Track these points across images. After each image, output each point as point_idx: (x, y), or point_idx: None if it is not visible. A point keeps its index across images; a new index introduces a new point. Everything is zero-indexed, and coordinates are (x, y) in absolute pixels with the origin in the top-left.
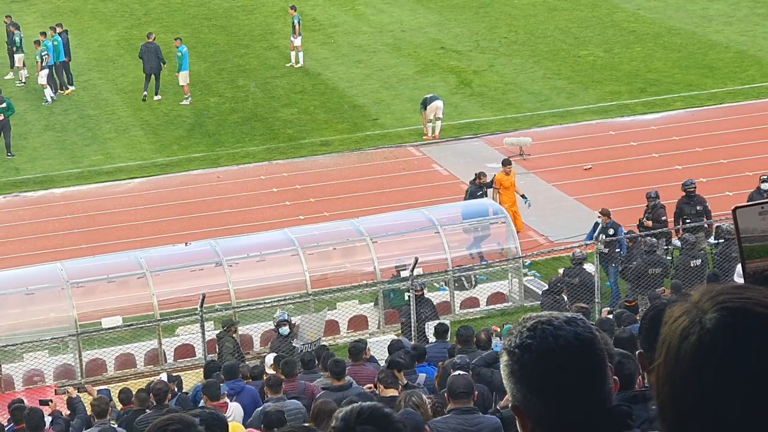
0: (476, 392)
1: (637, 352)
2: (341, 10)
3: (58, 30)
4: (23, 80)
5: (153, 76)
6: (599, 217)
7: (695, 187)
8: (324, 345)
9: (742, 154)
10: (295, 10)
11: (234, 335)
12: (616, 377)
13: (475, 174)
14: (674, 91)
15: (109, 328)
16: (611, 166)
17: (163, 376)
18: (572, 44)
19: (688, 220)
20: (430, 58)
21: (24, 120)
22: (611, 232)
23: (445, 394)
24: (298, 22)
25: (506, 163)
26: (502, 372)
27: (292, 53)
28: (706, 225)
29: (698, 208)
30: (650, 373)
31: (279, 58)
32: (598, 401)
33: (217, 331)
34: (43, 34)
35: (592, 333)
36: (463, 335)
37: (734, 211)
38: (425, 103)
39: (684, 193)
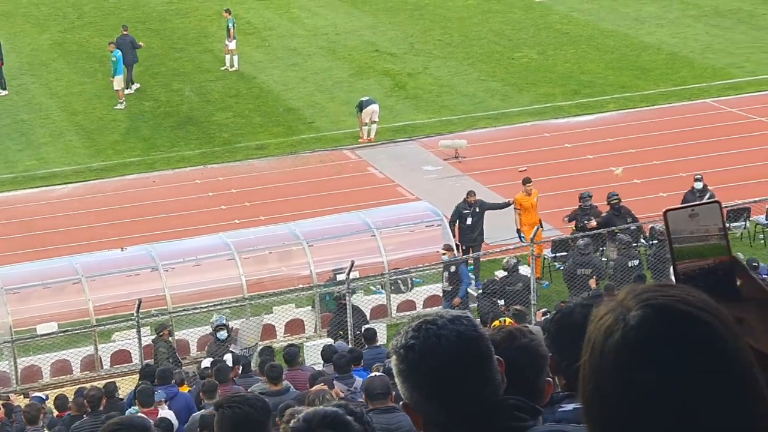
0: (393, 393)
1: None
2: (276, 13)
3: None
4: None
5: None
6: (444, 253)
7: (619, 199)
8: (269, 347)
9: (675, 155)
10: (229, 14)
11: (168, 339)
12: (549, 378)
13: (467, 192)
14: (608, 92)
15: (45, 335)
16: (546, 168)
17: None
18: (506, 46)
19: (617, 233)
20: (365, 61)
21: None
22: (453, 268)
23: (363, 395)
24: (233, 26)
25: (526, 181)
26: (393, 371)
27: (227, 57)
28: (633, 227)
29: (628, 220)
30: (559, 375)
31: (214, 61)
32: (485, 397)
33: (153, 337)
34: None
35: (476, 331)
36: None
37: (665, 213)
38: (361, 107)
39: (609, 207)
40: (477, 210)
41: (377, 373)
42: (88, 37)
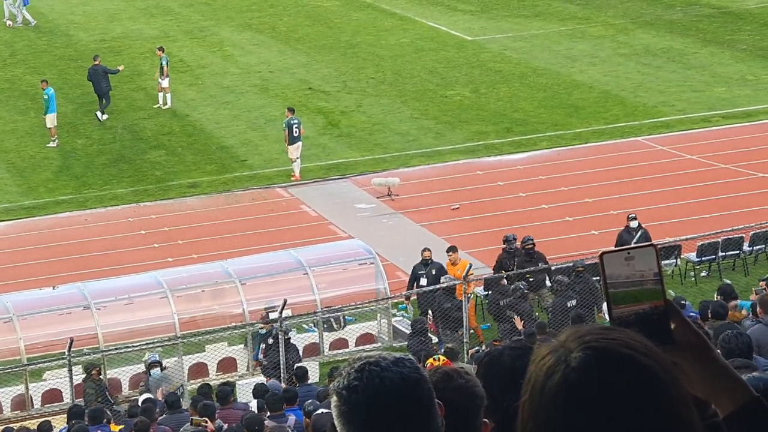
0: None
1: None
2: (209, 51)
3: None
4: None
5: (101, 97)
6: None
7: (534, 244)
8: (207, 384)
9: (607, 192)
10: (163, 51)
11: (98, 378)
12: (485, 420)
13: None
14: (540, 130)
15: None
16: (479, 206)
17: None
18: (439, 84)
19: (530, 278)
20: (298, 99)
21: None
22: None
23: None
24: (166, 64)
25: (450, 250)
26: (333, 413)
27: (160, 94)
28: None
29: (540, 264)
30: (489, 417)
31: (146, 99)
32: None
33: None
34: None
35: (419, 374)
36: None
37: (601, 256)
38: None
39: (524, 251)
40: (434, 272)
41: (325, 410)
42: (21, 75)
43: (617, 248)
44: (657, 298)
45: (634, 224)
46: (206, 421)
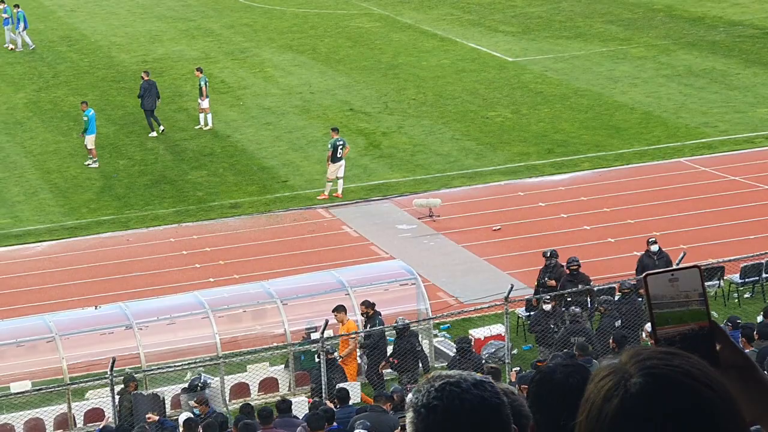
0: None
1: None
2: (250, 72)
3: None
4: None
5: (153, 112)
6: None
7: (579, 265)
8: (249, 404)
9: (649, 214)
10: (201, 72)
11: (133, 392)
12: None
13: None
14: (582, 151)
15: (18, 393)
16: (520, 227)
17: None
18: (480, 105)
19: (569, 299)
20: (339, 120)
21: None
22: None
23: None
24: (205, 84)
25: (335, 310)
26: (407, 427)
27: (201, 115)
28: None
29: (580, 286)
30: None
31: (188, 120)
32: None
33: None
34: None
35: (498, 399)
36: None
37: (645, 277)
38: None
39: (568, 271)
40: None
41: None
42: (63, 96)
43: (662, 270)
44: (702, 318)
45: (654, 248)
46: None
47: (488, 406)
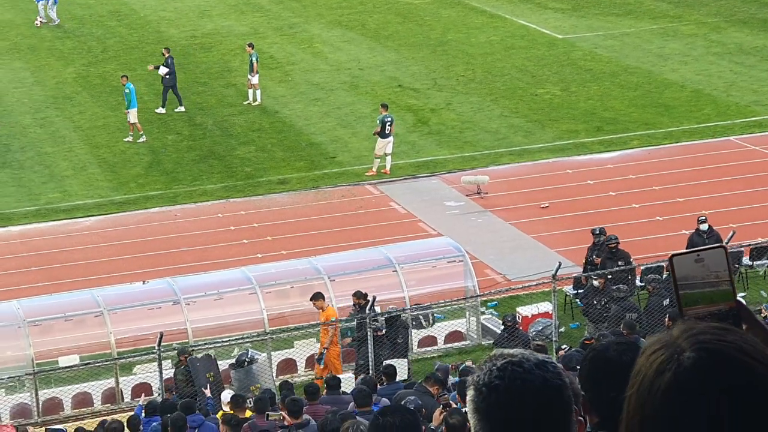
0: None
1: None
2: (299, 48)
3: None
4: None
5: (171, 89)
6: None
7: (618, 243)
8: (287, 381)
9: (698, 192)
10: (252, 48)
11: (186, 363)
12: (581, 417)
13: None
14: (631, 129)
15: (66, 367)
16: (568, 205)
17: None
18: (529, 83)
19: (609, 276)
20: (388, 96)
21: None
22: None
23: None
24: (256, 60)
25: (313, 298)
26: (467, 405)
27: (250, 91)
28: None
29: (620, 263)
30: (592, 413)
31: (236, 95)
32: None
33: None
34: None
35: (561, 379)
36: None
37: (671, 258)
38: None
39: (607, 249)
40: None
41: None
42: (112, 71)
43: (687, 250)
44: (730, 298)
45: (704, 227)
46: (282, 417)
47: (551, 387)
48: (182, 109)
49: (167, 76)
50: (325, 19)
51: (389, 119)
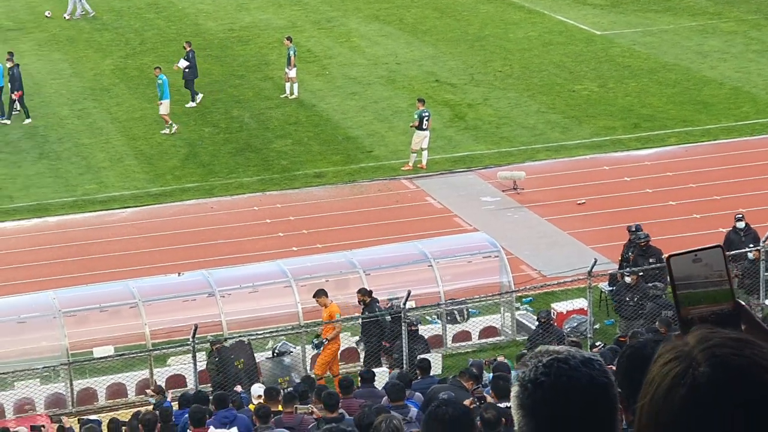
0: None
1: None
2: (336, 42)
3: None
4: (18, 109)
5: (191, 82)
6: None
7: (648, 240)
8: (308, 375)
9: (735, 190)
10: (290, 42)
11: (218, 350)
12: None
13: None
14: (668, 126)
15: (101, 358)
16: (604, 201)
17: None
18: (567, 78)
19: (641, 273)
20: (425, 91)
21: (18, 148)
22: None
23: None
24: (294, 54)
25: (316, 294)
26: (511, 401)
27: (287, 84)
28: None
29: (651, 260)
30: (628, 411)
31: (273, 89)
32: None
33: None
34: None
35: (607, 377)
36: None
37: (668, 259)
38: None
39: (638, 246)
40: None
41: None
42: (150, 63)
43: (684, 251)
44: (729, 298)
45: (741, 225)
46: (311, 410)
47: (597, 385)
48: (193, 104)
49: (187, 70)
50: (363, 14)
51: (426, 114)
